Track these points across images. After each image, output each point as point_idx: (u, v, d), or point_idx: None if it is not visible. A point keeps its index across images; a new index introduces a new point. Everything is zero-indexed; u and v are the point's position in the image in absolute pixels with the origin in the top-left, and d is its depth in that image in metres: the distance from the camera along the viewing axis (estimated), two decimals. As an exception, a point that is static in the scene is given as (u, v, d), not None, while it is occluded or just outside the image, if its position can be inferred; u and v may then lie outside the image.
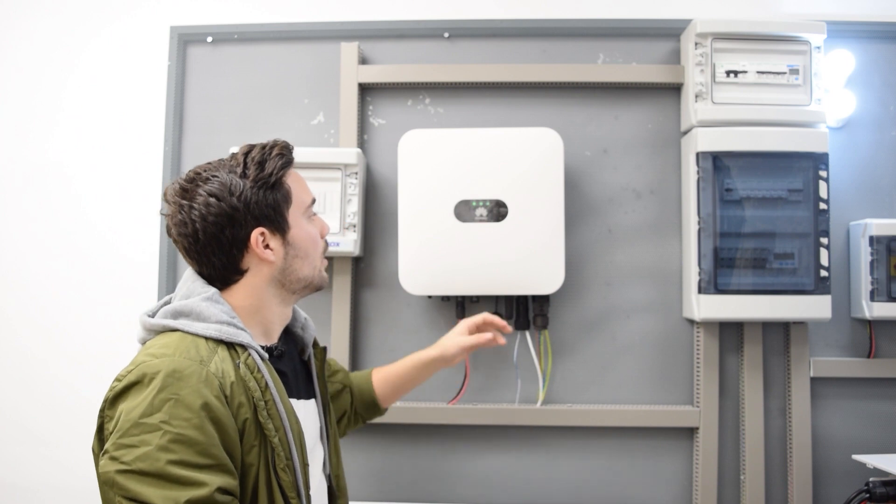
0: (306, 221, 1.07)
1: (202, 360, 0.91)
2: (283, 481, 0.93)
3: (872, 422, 1.63)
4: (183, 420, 0.85)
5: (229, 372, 0.92)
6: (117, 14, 1.80)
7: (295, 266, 1.04)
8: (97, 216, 1.77)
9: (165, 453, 0.83)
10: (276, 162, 1.02)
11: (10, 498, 1.75)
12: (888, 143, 1.68)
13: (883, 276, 1.57)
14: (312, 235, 1.07)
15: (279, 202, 1.02)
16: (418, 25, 1.73)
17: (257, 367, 0.95)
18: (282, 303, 1.06)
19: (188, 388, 0.87)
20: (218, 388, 0.89)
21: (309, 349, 1.17)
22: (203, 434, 0.85)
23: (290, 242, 1.04)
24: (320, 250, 1.09)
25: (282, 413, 0.95)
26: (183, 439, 0.84)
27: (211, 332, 0.94)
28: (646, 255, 1.68)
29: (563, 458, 1.65)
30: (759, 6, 1.73)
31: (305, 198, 1.08)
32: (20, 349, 1.76)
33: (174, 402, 0.85)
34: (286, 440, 0.95)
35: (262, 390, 0.94)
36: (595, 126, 1.70)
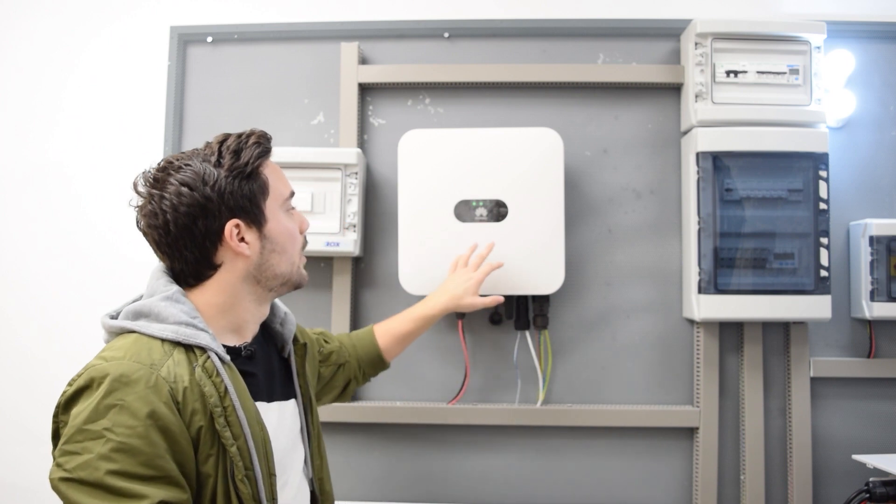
0: (284, 215, 1.02)
1: (153, 364, 0.86)
2: (241, 492, 0.87)
3: (872, 422, 1.63)
4: (127, 428, 0.80)
5: (183, 376, 0.87)
6: (117, 14, 1.80)
7: (272, 261, 0.99)
8: (97, 216, 1.77)
9: (106, 462, 0.78)
10: (252, 151, 0.97)
11: (10, 498, 1.75)
12: (888, 143, 1.68)
13: (883, 276, 1.57)
14: (290, 230, 1.02)
15: (255, 193, 0.97)
16: (418, 25, 1.73)
17: (216, 370, 0.90)
18: (257, 300, 1.01)
19: (134, 394, 0.82)
20: (168, 394, 0.84)
21: (289, 346, 1.11)
22: (148, 444, 0.80)
23: (267, 236, 0.98)
24: (299, 246, 1.04)
25: (242, 420, 0.89)
26: (125, 448, 0.79)
27: (167, 334, 0.89)
28: (646, 255, 1.68)
29: (563, 458, 1.65)
30: (759, 6, 1.73)
31: (283, 190, 1.02)
32: (20, 349, 1.76)
33: (119, 408, 0.81)
34: (246, 449, 0.89)
35: (221, 396, 0.88)
36: (595, 126, 1.70)
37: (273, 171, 1.02)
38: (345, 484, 1.65)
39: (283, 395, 1.07)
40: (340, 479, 1.64)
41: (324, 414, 1.61)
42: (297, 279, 1.04)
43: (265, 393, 1.01)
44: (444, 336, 1.67)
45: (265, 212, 0.98)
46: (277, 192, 1.01)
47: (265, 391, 1.01)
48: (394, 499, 1.65)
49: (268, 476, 0.92)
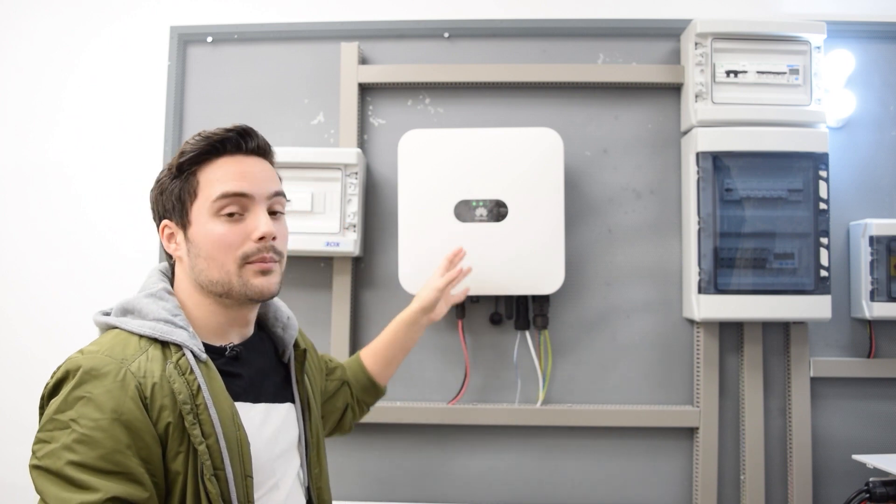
0: (211, 219, 0.94)
1: (124, 358, 0.87)
2: (209, 492, 0.86)
3: (872, 422, 1.63)
4: (90, 420, 0.81)
5: (154, 372, 0.87)
6: (117, 14, 1.80)
7: (200, 266, 0.94)
8: (97, 216, 1.77)
9: (68, 452, 0.80)
10: (189, 148, 0.95)
11: (10, 498, 1.75)
12: (888, 143, 1.68)
13: (883, 276, 1.57)
14: (215, 236, 0.93)
15: (183, 194, 0.95)
16: (418, 25, 1.73)
17: (190, 368, 0.89)
18: (220, 305, 0.97)
19: (102, 387, 0.83)
20: (135, 389, 0.84)
21: (289, 351, 1.08)
22: (109, 437, 0.81)
23: (190, 240, 0.95)
24: (235, 254, 0.94)
25: (214, 419, 0.88)
26: (87, 440, 0.80)
27: (145, 330, 0.90)
28: (646, 255, 1.68)
29: (563, 458, 1.65)
30: (759, 6, 1.73)
31: (213, 191, 0.94)
32: (20, 349, 1.76)
33: (85, 400, 0.82)
34: (217, 448, 0.87)
35: (194, 393, 0.87)
36: (595, 126, 1.70)
37: (216, 171, 0.96)
38: (345, 484, 1.65)
39: (278, 398, 1.04)
40: (340, 480, 1.64)
41: (324, 414, 1.61)
42: (241, 289, 0.95)
43: (251, 394, 0.98)
44: (444, 336, 1.67)
45: (190, 215, 0.95)
46: (206, 193, 0.94)
47: (251, 392, 0.99)
48: (394, 499, 1.65)
49: (242, 477, 0.90)
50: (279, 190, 1.00)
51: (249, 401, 0.98)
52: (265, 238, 0.95)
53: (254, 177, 0.97)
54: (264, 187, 0.97)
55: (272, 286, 0.97)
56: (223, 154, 0.97)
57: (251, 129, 0.99)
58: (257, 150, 1.00)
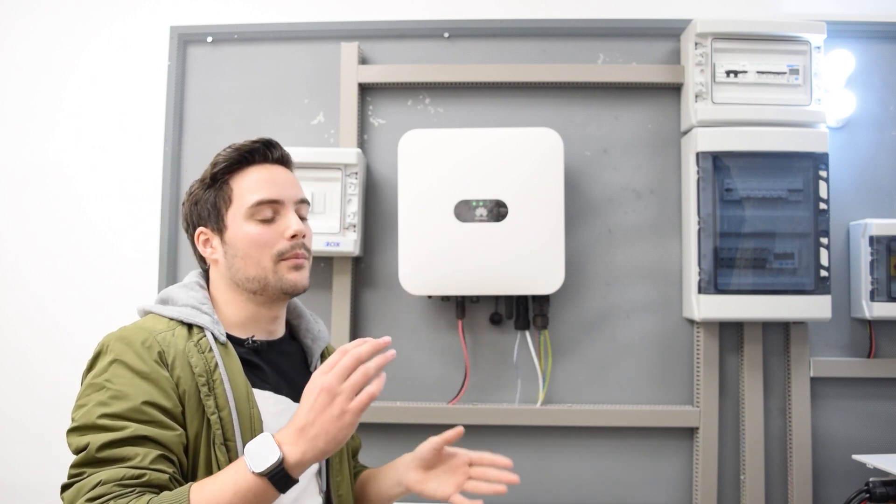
0: (246, 222, 1.04)
1: (153, 330, 0.97)
2: (219, 460, 0.93)
3: (872, 422, 1.63)
4: (122, 378, 0.91)
5: (177, 345, 0.96)
6: (117, 14, 1.80)
7: (237, 265, 1.04)
8: (97, 216, 1.77)
9: (101, 407, 0.88)
10: (222, 160, 1.06)
11: (10, 498, 1.75)
12: (888, 143, 1.68)
13: (883, 276, 1.57)
14: (251, 236, 1.03)
15: (218, 202, 1.06)
16: (418, 25, 1.73)
17: (210, 347, 0.98)
18: (249, 301, 1.06)
19: (131, 351, 0.93)
20: (158, 354, 0.94)
21: (315, 361, 1.15)
22: (139, 391, 0.90)
23: (227, 242, 1.05)
24: (271, 251, 1.03)
25: (228, 394, 0.96)
26: (119, 395, 0.89)
27: (173, 314, 1.01)
28: (646, 255, 1.68)
29: (563, 458, 1.65)
30: (759, 6, 1.73)
31: (248, 199, 1.04)
32: (20, 349, 1.76)
33: (117, 363, 0.92)
34: (230, 420, 0.95)
35: (211, 369, 0.96)
36: (595, 126, 1.70)
37: (247, 179, 1.06)
38: (345, 484, 1.65)
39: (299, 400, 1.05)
40: (340, 479, 1.64)
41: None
42: (277, 283, 1.04)
43: (270, 384, 1.04)
44: (444, 336, 1.67)
45: (226, 220, 1.05)
46: (241, 201, 1.05)
47: (271, 383, 1.04)
48: (394, 499, 1.65)
49: None
50: (304, 197, 1.11)
51: (269, 390, 1.03)
52: (297, 236, 1.05)
53: (282, 184, 1.07)
54: (292, 193, 1.08)
55: (304, 280, 1.07)
56: (252, 164, 1.07)
57: (275, 140, 1.10)
58: (281, 160, 1.11)
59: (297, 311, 1.19)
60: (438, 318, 1.68)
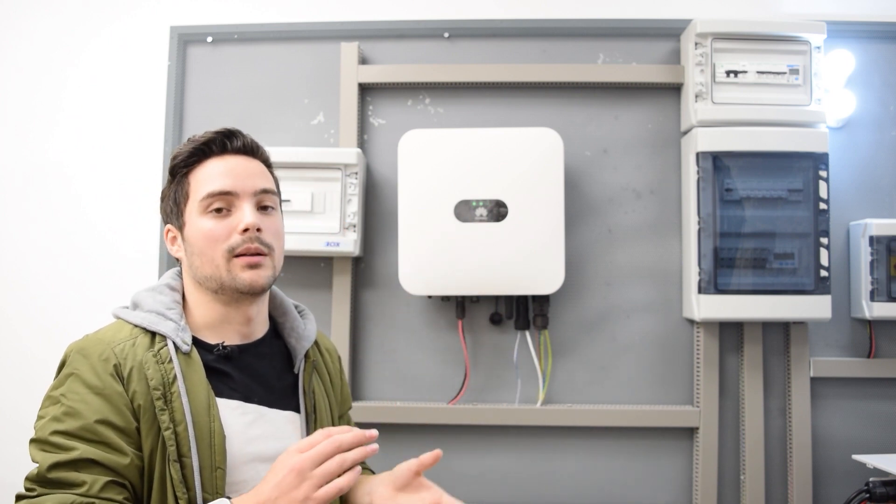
0: (200, 217, 0.99)
1: (111, 341, 0.94)
2: (172, 477, 0.89)
3: (872, 422, 1.63)
4: (76, 394, 0.89)
5: (135, 356, 0.93)
6: (117, 14, 1.80)
7: (195, 263, 0.99)
8: (97, 216, 1.77)
9: (55, 423, 0.87)
10: (178, 153, 1.02)
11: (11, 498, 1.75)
12: (888, 143, 1.68)
13: (883, 276, 1.57)
14: (205, 231, 0.98)
15: (178, 198, 1.02)
16: (418, 25, 1.73)
17: (169, 357, 0.94)
18: (215, 301, 1.01)
19: (86, 364, 0.91)
20: (114, 367, 0.91)
21: (299, 361, 1.08)
22: (91, 409, 0.88)
23: (186, 239, 1.01)
24: (221, 247, 0.97)
25: (185, 407, 0.91)
26: (71, 412, 0.87)
27: (136, 320, 0.97)
28: (646, 255, 1.68)
29: (563, 458, 1.65)
30: (759, 6, 1.73)
31: (200, 191, 0.99)
32: (20, 349, 1.76)
33: (73, 377, 0.90)
34: (186, 435, 0.90)
35: (169, 382, 0.92)
36: (595, 126, 1.70)
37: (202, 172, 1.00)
38: (345, 484, 1.64)
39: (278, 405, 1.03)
40: (340, 479, 1.64)
41: (324, 414, 1.61)
42: (231, 282, 0.97)
43: (240, 393, 0.99)
44: (444, 336, 1.67)
45: (184, 216, 1.01)
46: (195, 194, 1.00)
47: (241, 391, 0.99)
48: (394, 499, 1.65)
49: (211, 468, 0.91)
50: (267, 187, 1.02)
51: (236, 399, 0.98)
52: (249, 230, 0.97)
53: (237, 174, 1.00)
54: (249, 184, 1.00)
55: (261, 279, 0.99)
56: (210, 156, 1.02)
57: (237, 130, 1.03)
58: (243, 150, 1.03)
59: (282, 308, 1.11)
60: (438, 318, 1.68)
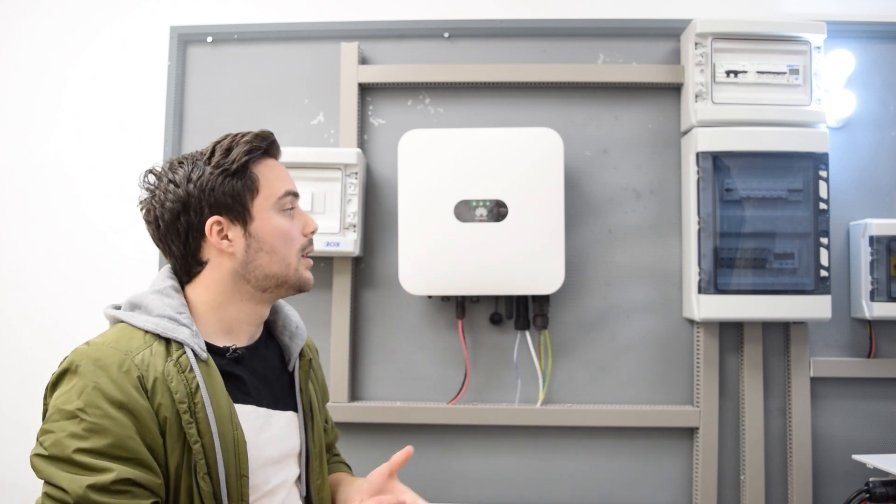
0: (276, 214, 0.99)
1: (129, 351, 0.89)
2: (202, 490, 0.87)
3: (872, 422, 1.63)
4: (98, 409, 0.83)
5: (156, 367, 0.89)
6: (117, 14, 1.80)
7: (259, 261, 0.98)
8: (97, 216, 1.77)
9: (77, 441, 0.82)
10: (241, 148, 0.98)
11: (10, 498, 1.75)
12: (888, 143, 1.68)
13: (883, 276, 1.57)
14: (282, 229, 0.99)
15: (240, 191, 0.97)
16: (418, 25, 1.73)
17: (190, 366, 0.90)
18: (251, 300, 1.00)
19: (106, 377, 0.85)
20: (137, 380, 0.86)
21: (294, 360, 1.09)
22: (118, 425, 0.83)
23: (252, 235, 0.97)
24: (296, 247, 1.01)
25: (210, 418, 0.89)
26: (96, 429, 0.82)
27: (149, 326, 0.92)
28: (646, 255, 1.68)
29: (563, 458, 1.65)
30: (759, 6, 1.73)
31: (276, 189, 1.00)
32: (20, 349, 1.76)
33: (91, 389, 0.84)
34: (212, 447, 0.89)
35: (192, 392, 0.89)
36: (595, 126, 1.70)
37: (270, 170, 1.01)
38: (345, 484, 1.65)
39: (280, 405, 1.04)
40: (340, 479, 1.64)
41: (324, 414, 1.61)
42: (296, 282, 1.01)
43: (251, 397, 0.99)
44: (444, 336, 1.67)
45: (251, 210, 0.98)
46: (269, 190, 0.99)
47: (251, 395, 0.99)
48: (394, 499, 1.65)
49: (237, 477, 0.91)
50: None
51: (250, 403, 0.98)
52: (314, 232, 1.05)
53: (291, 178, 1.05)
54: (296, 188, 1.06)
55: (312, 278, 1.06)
56: (268, 155, 1.03)
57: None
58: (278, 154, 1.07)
59: (274, 306, 1.11)
60: (438, 318, 1.68)
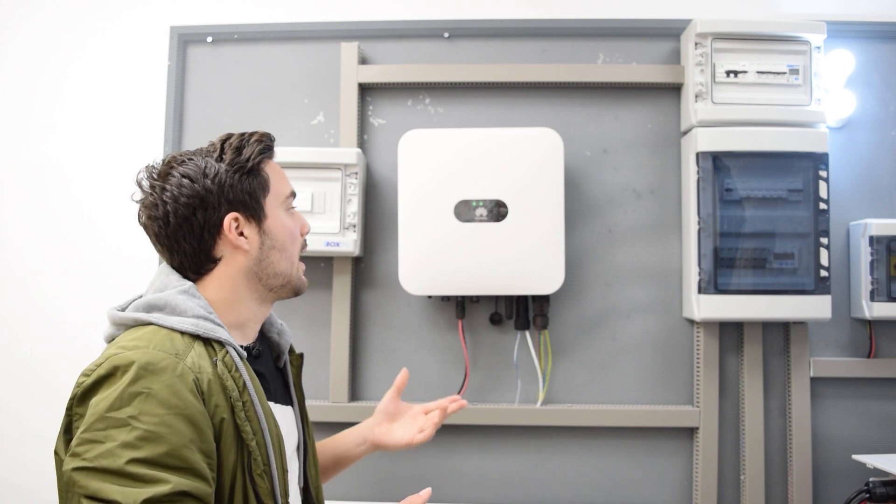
0: (284, 213, 1.02)
1: (178, 353, 0.85)
2: (259, 487, 0.87)
3: (872, 422, 1.63)
4: (153, 416, 0.79)
5: (206, 368, 0.87)
6: (117, 14, 1.80)
7: (272, 258, 0.98)
8: (97, 216, 1.77)
9: (130, 451, 0.76)
10: (254, 147, 0.99)
11: (10, 498, 1.75)
12: (888, 143, 1.68)
13: (883, 276, 1.57)
14: (290, 228, 1.02)
15: (255, 189, 0.98)
16: (418, 25, 1.73)
17: (235, 365, 0.90)
18: (258, 299, 1.00)
19: (161, 382, 0.81)
20: (193, 383, 0.83)
21: (285, 356, 1.10)
22: (174, 433, 0.79)
23: (266, 232, 0.98)
24: (298, 246, 1.03)
25: (260, 416, 0.90)
26: (151, 437, 0.78)
27: (187, 327, 0.89)
28: (646, 255, 1.68)
29: (563, 458, 1.65)
30: (759, 6, 1.73)
31: (283, 189, 1.03)
32: (20, 349, 1.76)
33: (145, 396, 0.80)
34: (264, 444, 0.90)
35: (241, 391, 0.89)
36: (595, 126, 1.70)
37: (274, 171, 1.03)
38: (345, 484, 1.65)
39: (282, 400, 1.07)
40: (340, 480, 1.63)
41: (321, 414, 1.61)
42: (297, 282, 1.03)
43: (272, 393, 1.01)
44: (444, 336, 1.67)
45: (265, 208, 0.99)
46: (277, 190, 1.01)
47: (271, 392, 1.02)
48: (393, 499, 1.65)
49: (282, 472, 0.93)
50: None
51: (271, 400, 1.00)
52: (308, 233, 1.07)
53: None
54: None
55: None
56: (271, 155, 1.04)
57: None
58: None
59: None
60: (438, 318, 1.68)
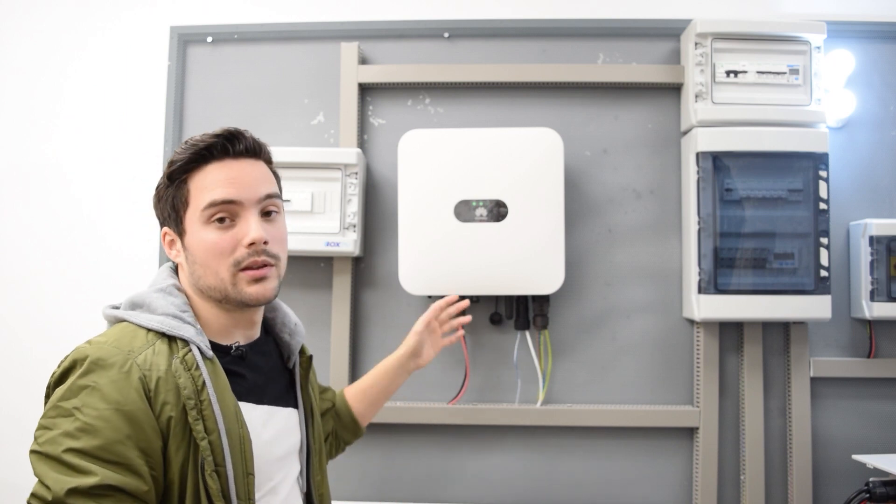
0: (202, 227, 0.94)
1: (131, 350, 0.88)
2: (210, 488, 0.87)
3: (872, 422, 1.63)
4: (94, 409, 0.82)
5: (159, 366, 0.88)
6: (117, 14, 1.80)
7: (197, 272, 0.95)
8: (97, 216, 1.77)
9: (68, 439, 0.81)
10: (180, 157, 0.96)
11: (10, 498, 1.75)
12: (888, 143, 1.68)
13: (883, 276, 1.57)
14: (208, 243, 0.94)
15: (176, 203, 0.96)
16: (418, 25, 1.73)
17: (196, 363, 0.90)
18: (219, 308, 0.98)
19: (106, 377, 0.84)
20: (139, 380, 0.85)
21: (294, 357, 1.09)
22: (111, 428, 0.82)
23: (187, 248, 0.96)
24: (227, 261, 0.94)
25: (217, 415, 0.89)
26: (89, 429, 0.81)
27: (153, 324, 0.92)
28: (646, 255, 1.68)
29: (563, 458, 1.65)
30: (759, 6, 1.73)
31: (201, 200, 0.94)
32: (20, 349, 1.76)
33: (90, 389, 0.83)
34: (219, 444, 0.88)
35: (198, 389, 0.89)
36: (595, 126, 1.70)
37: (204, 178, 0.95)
38: (345, 484, 1.65)
39: (281, 402, 1.05)
40: (341, 480, 1.64)
41: (324, 414, 1.61)
42: (235, 297, 0.95)
43: (254, 395, 0.99)
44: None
45: (184, 223, 0.96)
46: (196, 202, 0.95)
47: (254, 393, 0.99)
48: (394, 499, 1.65)
49: (243, 475, 0.91)
50: (271, 192, 0.99)
51: (252, 401, 0.98)
52: (255, 244, 0.94)
53: (242, 182, 0.95)
54: (254, 191, 0.96)
55: (267, 292, 0.97)
56: (211, 160, 0.96)
57: (240, 131, 0.98)
58: (246, 152, 0.98)
59: (272, 304, 1.09)
60: (438, 318, 1.68)
